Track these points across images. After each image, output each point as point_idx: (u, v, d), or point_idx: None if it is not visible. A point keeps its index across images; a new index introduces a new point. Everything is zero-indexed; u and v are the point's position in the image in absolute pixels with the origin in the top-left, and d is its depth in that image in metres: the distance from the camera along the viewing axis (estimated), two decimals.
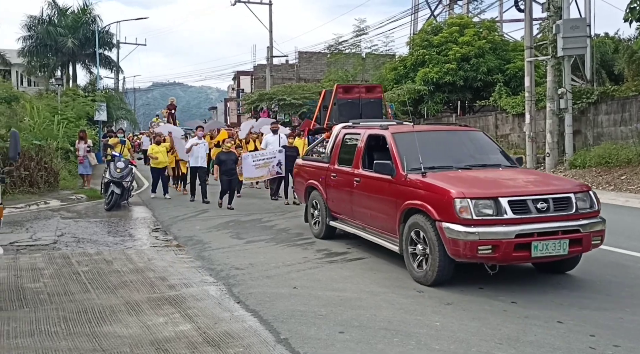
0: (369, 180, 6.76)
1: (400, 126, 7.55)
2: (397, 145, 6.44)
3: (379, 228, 6.68)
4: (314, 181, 8.23)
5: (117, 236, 8.75)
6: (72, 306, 5.10)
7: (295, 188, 9.22)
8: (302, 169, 8.93)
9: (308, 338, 4.29)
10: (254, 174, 11.99)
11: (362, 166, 7.04)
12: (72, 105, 21.16)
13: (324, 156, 8.22)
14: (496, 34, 24.16)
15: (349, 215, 7.37)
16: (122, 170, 11.58)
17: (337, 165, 7.65)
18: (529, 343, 4.12)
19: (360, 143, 7.23)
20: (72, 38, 32.45)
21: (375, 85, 12.02)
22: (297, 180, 9.10)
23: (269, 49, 36.10)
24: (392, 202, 6.23)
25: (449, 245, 5.28)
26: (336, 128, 8.15)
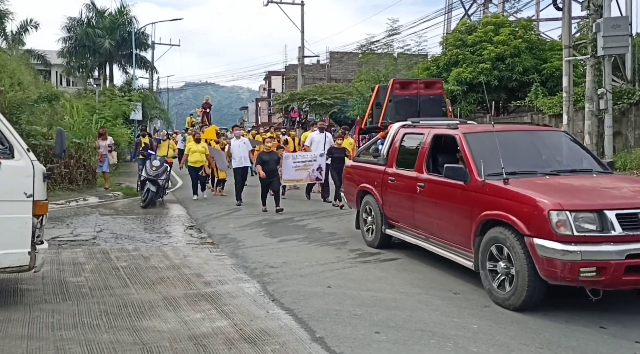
0: (436, 185, 6.09)
1: (472, 125, 6.97)
2: (470, 147, 5.77)
3: (447, 239, 5.97)
4: (367, 185, 7.60)
5: (153, 233, 8.92)
6: (113, 300, 5.23)
7: (345, 191, 8.60)
8: (354, 171, 8.29)
9: (344, 337, 4.30)
10: (293, 176, 11.45)
11: (426, 169, 6.37)
12: (110, 105, 21.69)
13: (380, 158, 7.57)
14: (532, 33, 23.64)
15: (409, 223, 6.71)
16: (157, 168, 11.80)
17: (395, 168, 7.01)
18: (571, 348, 4.03)
19: (424, 144, 6.57)
20: (109, 39, 33.25)
21: (435, 80, 11.17)
22: (347, 183, 8.48)
23: (300, 49, 36.25)
24: (465, 211, 5.54)
25: (542, 264, 4.55)
26: (393, 127, 7.48)
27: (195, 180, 12.85)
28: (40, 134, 12.75)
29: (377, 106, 10.25)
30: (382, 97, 10.24)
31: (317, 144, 12.23)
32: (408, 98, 9.93)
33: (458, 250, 5.80)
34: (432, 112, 9.46)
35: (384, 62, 30.33)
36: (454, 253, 5.85)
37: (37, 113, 13.46)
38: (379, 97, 10.30)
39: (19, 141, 4.88)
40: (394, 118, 9.04)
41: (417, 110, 9.57)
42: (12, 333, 4.35)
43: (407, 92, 10.05)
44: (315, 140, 12.34)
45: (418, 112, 9.38)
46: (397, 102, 9.87)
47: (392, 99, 9.84)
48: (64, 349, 4.03)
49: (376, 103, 10.40)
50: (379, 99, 10.26)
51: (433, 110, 9.88)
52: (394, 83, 9.81)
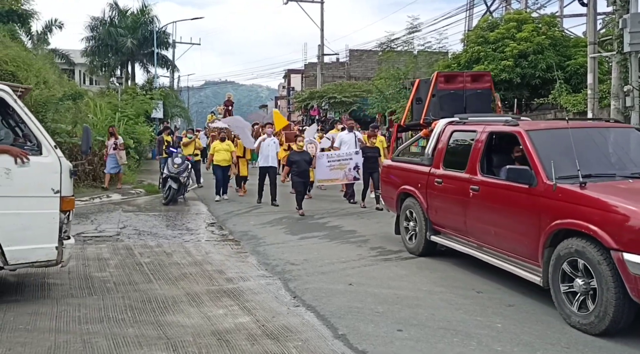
0: (494, 189, 5.50)
1: (535, 122, 6.49)
2: (536, 145, 5.15)
3: (506, 250, 5.37)
4: (409, 187, 7.03)
5: (175, 229, 9.02)
6: (137, 295, 5.30)
7: (383, 194, 8.01)
8: (393, 172, 7.69)
9: (366, 334, 4.29)
10: (327, 176, 10.80)
11: (480, 171, 5.78)
12: (132, 103, 21.98)
13: (424, 157, 6.93)
14: (556, 30, 23.24)
15: (459, 230, 6.13)
16: (179, 165, 11.92)
17: (442, 169, 6.45)
18: (599, 348, 3.97)
19: (478, 142, 5.95)
20: (131, 38, 33.70)
21: (483, 73, 10.08)
22: (385, 185, 7.88)
23: (320, 47, 36.27)
24: (530, 219, 4.93)
25: (634, 283, 3.95)
26: (439, 124, 6.89)
27: (220, 180, 12.39)
28: (65, 132, 12.99)
29: (418, 101, 9.19)
30: (423, 92, 9.14)
31: (347, 145, 11.66)
32: (453, 93, 8.92)
33: (520, 261, 5.18)
34: (480, 108, 8.51)
35: (404, 60, 30.14)
36: (515, 266, 5.23)
37: (62, 112, 13.71)
38: (420, 91, 9.22)
39: (47, 138, 4.97)
40: (437, 114, 8.20)
41: (463, 105, 8.64)
42: (40, 326, 4.44)
43: (452, 86, 8.99)
44: (345, 140, 11.78)
45: (464, 107, 8.49)
46: (441, 96, 8.81)
47: (436, 94, 8.77)
48: (91, 343, 4.10)
49: (416, 99, 9.30)
50: (420, 94, 9.20)
51: (480, 105, 8.81)
52: (437, 76, 8.77)
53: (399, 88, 28.88)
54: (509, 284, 5.54)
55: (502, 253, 5.47)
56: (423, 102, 9.06)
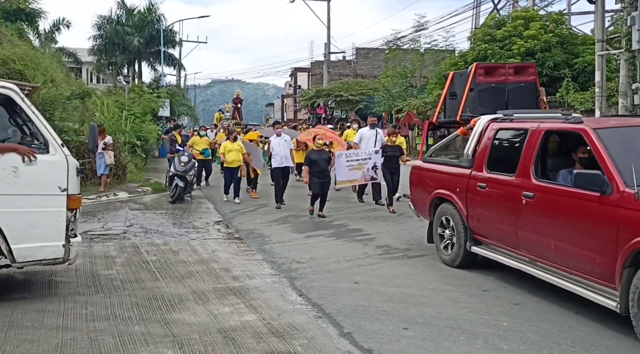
0: (555, 196, 4.82)
1: (602, 119, 5.73)
2: (607, 146, 4.45)
3: (570, 267, 4.67)
4: (445, 192, 6.35)
5: (181, 227, 9.05)
6: (144, 293, 5.33)
7: (413, 198, 7.31)
8: (425, 174, 6.99)
9: (372, 333, 4.29)
10: (346, 177, 10.17)
11: (534, 175, 5.09)
12: (139, 101, 22.04)
13: (463, 158, 6.21)
14: (564, 27, 23.13)
15: (507, 241, 5.43)
16: (185, 164, 11.94)
17: (486, 172, 5.74)
18: (605, 347, 3.94)
19: (531, 142, 5.25)
20: (138, 37, 33.83)
21: (527, 64, 9.22)
22: (416, 188, 7.23)
23: (326, 45, 36.22)
24: (605, 233, 4.25)
25: None
26: (480, 121, 6.19)
27: (229, 181, 11.88)
28: (72, 130, 13.05)
29: (452, 96, 8.35)
30: (459, 86, 8.30)
31: (367, 141, 11.04)
32: (494, 87, 8.03)
33: (589, 281, 4.50)
34: (523, 103, 7.63)
35: (411, 58, 30.11)
36: (581, 286, 4.55)
37: (70, 110, 13.77)
38: (455, 85, 8.40)
39: (54, 136, 4.99)
40: (476, 110, 7.50)
41: (504, 100, 7.85)
42: (48, 324, 4.47)
43: (493, 79, 8.10)
44: (365, 137, 11.15)
45: (506, 103, 7.71)
46: (480, 90, 7.95)
47: (475, 88, 7.92)
48: (97, 340, 4.12)
49: (450, 93, 8.45)
50: (455, 88, 8.36)
51: (524, 100, 7.94)
52: (477, 68, 7.93)
53: (405, 87, 28.85)
54: (514, 282, 5.52)
55: (563, 271, 4.75)
56: (458, 97, 8.27)
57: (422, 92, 27.47)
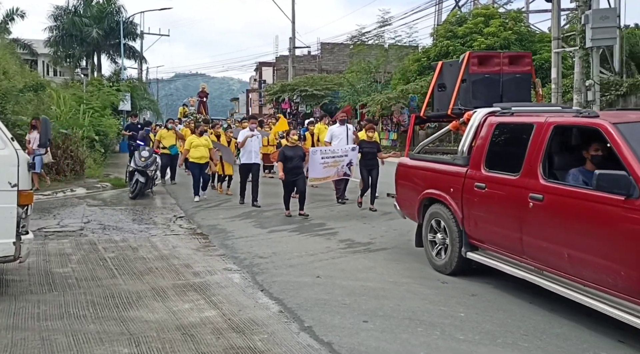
0: (570, 199, 4.29)
1: (620, 113, 5.32)
2: (631, 144, 4.03)
3: (588, 279, 4.17)
4: (437, 192, 5.84)
5: (142, 223, 8.87)
6: (100, 291, 5.20)
7: (399, 198, 6.80)
8: (413, 173, 6.49)
9: (332, 326, 4.31)
10: (320, 174, 9.66)
11: (542, 175, 4.58)
12: (98, 95, 21.44)
13: (457, 156, 5.74)
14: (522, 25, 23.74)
15: (510, 248, 4.91)
16: (146, 159, 11.71)
17: (485, 171, 5.22)
18: (556, 335, 4.07)
19: (537, 138, 4.74)
20: (97, 28, 32.84)
21: (522, 54, 8.49)
22: (402, 188, 6.72)
23: (291, 39, 36.13)
24: (630, 241, 3.80)
25: None
26: (476, 115, 5.70)
27: (198, 179, 11.20)
28: (26, 124, 12.60)
29: (441, 88, 7.74)
30: (448, 77, 7.72)
31: (338, 139, 10.59)
32: (488, 78, 7.53)
33: (609, 295, 4.01)
34: (519, 95, 7.22)
35: (375, 53, 30.34)
36: (599, 300, 4.06)
37: (23, 103, 13.29)
38: (444, 76, 7.76)
39: (3, 130, 4.81)
40: (469, 103, 6.94)
41: (499, 92, 7.36)
42: None
43: (487, 69, 7.59)
44: (336, 135, 10.69)
45: (500, 95, 7.28)
46: (474, 81, 7.41)
47: (468, 78, 7.35)
48: (50, 340, 4.00)
49: (439, 85, 7.78)
50: (444, 79, 7.75)
51: (519, 92, 7.49)
52: (470, 57, 7.35)
53: (369, 82, 29.05)
54: (472, 274, 5.64)
55: (578, 283, 4.25)
56: (448, 88, 7.69)
57: (386, 88, 27.72)
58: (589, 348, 3.84)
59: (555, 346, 3.89)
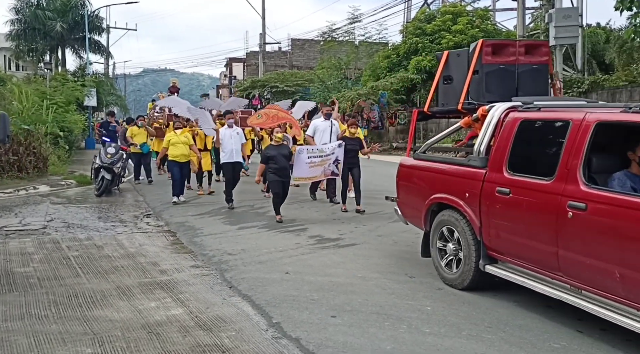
0: (623, 210, 3.67)
1: None
2: None
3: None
4: (448, 197, 5.20)
5: (107, 221, 8.70)
6: (63, 291, 5.08)
7: (401, 202, 6.18)
8: (418, 175, 5.84)
9: (300, 322, 4.31)
10: (305, 173, 8.96)
11: (583, 180, 3.97)
12: (62, 90, 20.92)
13: (473, 156, 5.06)
14: (489, 23, 24.16)
15: (540, 262, 4.30)
16: (112, 155, 11.49)
17: (508, 174, 4.58)
18: (518, 326, 4.17)
19: (574, 138, 4.11)
20: (61, 22, 32.01)
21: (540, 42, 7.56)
22: (405, 191, 6.09)
23: (261, 35, 35.90)
24: None
25: None
26: (495, 110, 5.04)
27: (178, 178, 10.41)
28: None
29: (447, 80, 6.97)
30: (455, 68, 6.93)
31: (321, 134, 10.07)
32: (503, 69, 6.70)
33: None
34: (535, 88, 6.46)
35: (346, 50, 30.42)
36: None
37: None
38: (450, 67, 6.96)
39: None
40: (482, 96, 6.28)
41: (514, 85, 6.60)
42: None
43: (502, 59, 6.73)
44: (320, 129, 10.11)
45: (516, 88, 6.53)
46: (488, 73, 6.60)
47: (481, 69, 6.52)
48: (10, 341, 3.89)
49: (444, 77, 7.00)
50: (450, 71, 6.95)
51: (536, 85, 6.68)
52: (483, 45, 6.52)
53: (340, 78, 29.12)
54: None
55: (631, 307, 3.64)
56: (455, 81, 6.92)
57: (357, 84, 27.83)
58: (549, 338, 3.95)
59: (518, 337, 3.98)
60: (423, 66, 22.90)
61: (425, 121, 8.88)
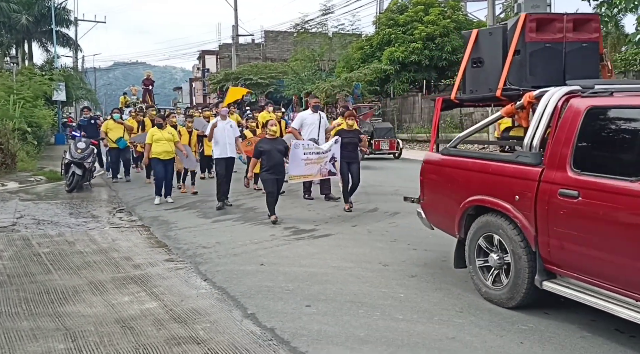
0: None
1: None
2: None
3: None
4: (491, 199, 4.45)
5: (79, 217, 8.57)
6: (34, 287, 5.01)
7: (427, 205, 5.36)
8: (450, 173, 5.05)
9: (275, 312, 4.34)
10: (302, 171, 8.28)
11: None
12: (29, 85, 20.39)
13: (524, 151, 4.32)
14: (460, 14, 24.40)
15: (624, 281, 3.54)
16: (83, 150, 11.30)
17: (574, 172, 3.84)
18: (488, 310, 4.28)
19: None
20: (27, 14, 31.16)
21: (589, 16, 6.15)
22: (431, 191, 5.30)
23: (234, 27, 35.55)
24: None
25: None
26: (551, 96, 4.26)
27: (161, 177, 9.57)
28: None
29: (476, 63, 5.83)
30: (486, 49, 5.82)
31: (309, 127, 9.43)
32: (549, 48, 5.60)
33: None
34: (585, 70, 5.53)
35: (319, 42, 30.36)
36: None
37: None
38: (480, 48, 5.83)
39: None
40: (524, 80, 5.29)
41: (561, 67, 5.55)
42: None
43: (547, 37, 5.61)
44: (307, 123, 9.44)
45: (563, 70, 5.48)
46: (532, 53, 5.48)
47: (523, 49, 5.41)
48: None
49: (473, 60, 5.86)
50: (480, 52, 5.81)
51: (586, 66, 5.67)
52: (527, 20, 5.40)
53: (314, 70, 29.08)
54: (412, 256, 5.82)
55: None
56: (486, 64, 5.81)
57: (331, 76, 27.84)
58: (518, 321, 4.06)
59: (487, 320, 4.09)
60: (396, 57, 23.04)
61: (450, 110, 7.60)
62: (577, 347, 3.60)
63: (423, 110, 23.17)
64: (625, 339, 3.66)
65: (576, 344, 3.63)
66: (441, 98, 5.81)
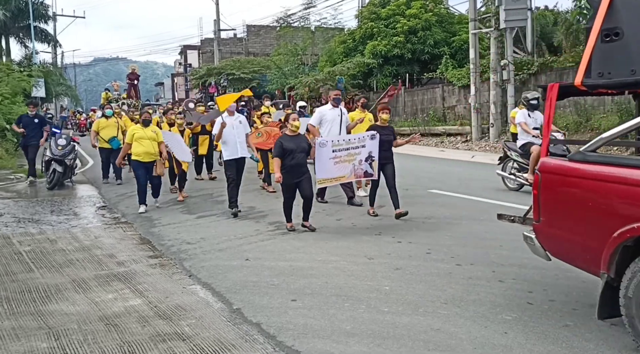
0: None
1: None
2: None
3: None
4: None
5: (61, 215, 8.46)
6: (15, 286, 4.94)
7: (545, 228, 3.90)
8: (585, 186, 3.60)
9: (261, 307, 4.33)
10: (331, 173, 7.21)
11: None
12: (7, 81, 20.01)
13: None
14: (442, 7, 24.48)
15: None
16: (63, 147, 11.13)
17: None
18: (472, 301, 4.32)
19: None
20: (3, 9, 30.52)
21: None
22: (557, 211, 3.82)
23: (216, 22, 35.25)
24: None
25: None
26: None
27: (143, 182, 8.53)
28: None
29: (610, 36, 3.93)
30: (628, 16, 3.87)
31: (329, 124, 8.35)
32: None
33: None
34: None
35: (302, 36, 30.25)
36: None
37: None
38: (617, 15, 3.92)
39: None
40: None
41: None
42: None
43: None
44: (327, 119, 8.37)
45: None
46: None
47: None
48: None
49: (605, 32, 3.95)
50: (618, 21, 3.89)
51: None
52: None
53: (297, 64, 28.99)
54: (397, 249, 5.85)
55: None
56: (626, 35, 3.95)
57: (314, 70, 27.77)
58: (501, 311, 4.11)
59: (472, 311, 4.12)
60: (379, 51, 23.06)
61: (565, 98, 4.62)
62: (560, 336, 3.65)
63: (406, 103, 23.24)
64: (607, 327, 3.73)
65: (559, 333, 3.69)
66: (556, 85, 4.15)
